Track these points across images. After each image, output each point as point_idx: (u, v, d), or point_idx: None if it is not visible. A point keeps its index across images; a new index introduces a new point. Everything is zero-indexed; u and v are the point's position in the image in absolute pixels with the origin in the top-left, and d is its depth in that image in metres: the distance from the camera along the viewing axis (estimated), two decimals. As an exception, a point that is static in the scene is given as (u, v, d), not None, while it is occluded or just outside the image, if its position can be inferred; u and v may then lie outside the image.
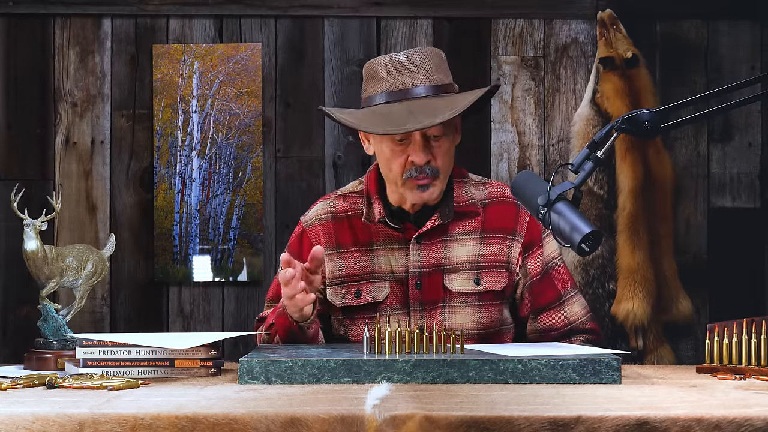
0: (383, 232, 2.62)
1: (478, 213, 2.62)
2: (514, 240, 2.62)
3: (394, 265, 2.60)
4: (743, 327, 2.29)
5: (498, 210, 2.63)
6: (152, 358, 2.30)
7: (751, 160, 3.98)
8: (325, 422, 1.75)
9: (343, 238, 2.63)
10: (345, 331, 2.62)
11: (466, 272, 2.59)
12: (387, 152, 2.56)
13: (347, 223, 2.65)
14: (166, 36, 3.97)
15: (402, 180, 2.55)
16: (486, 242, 2.61)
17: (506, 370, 2.10)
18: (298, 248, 2.67)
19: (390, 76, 2.55)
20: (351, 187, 2.71)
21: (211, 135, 3.96)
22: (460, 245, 2.61)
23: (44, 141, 3.96)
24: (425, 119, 2.47)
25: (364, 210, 2.64)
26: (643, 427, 1.73)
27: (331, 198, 2.71)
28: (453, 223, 2.61)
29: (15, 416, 1.77)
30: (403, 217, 2.63)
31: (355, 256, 2.60)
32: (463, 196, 2.63)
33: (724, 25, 3.98)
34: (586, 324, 2.65)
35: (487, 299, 2.59)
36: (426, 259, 2.59)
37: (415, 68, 2.55)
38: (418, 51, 2.58)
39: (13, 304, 3.95)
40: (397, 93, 2.54)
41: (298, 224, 2.72)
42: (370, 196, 2.64)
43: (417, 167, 2.53)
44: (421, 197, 2.56)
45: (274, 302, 2.68)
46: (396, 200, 2.62)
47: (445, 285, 2.58)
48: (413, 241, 2.60)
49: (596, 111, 3.88)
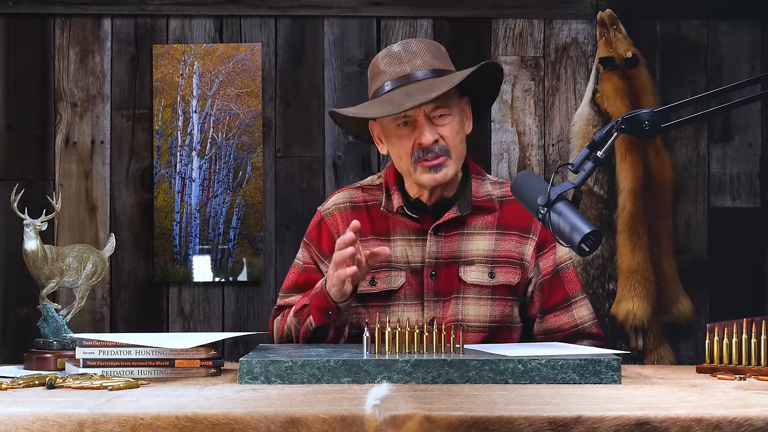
0: (401, 222, 2.64)
1: (495, 209, 2.65)
2: (529, 238, 2.64)
3: (410, 256, 2.62)
4: (743, 327, 2.29)
5: (514, 208, 2.65)
6: (152, 358, 2.30)
7: (751, 160, 3.98)
8: (325, 422, 1.74)
9: (361, 227, 2.64)
10: (358, 319, 2.62)
11: (481, 265, 2.61)
12: (395, 141, 2.58)
13: (366, 213, 2.68)
14: (166, 36, 3.97)
15: (412, 165, 2.57)
16: (501, 238, 2.64)
17: (506, 370, 2.10)
18: (317, 236, 2.70)
19: (389, 67, 2.59)
20: (370, 180, 2.75)
21: (211, 135, 3.96)
22: (476, 239, 2.63)
23: (44, 141, 3.96)
24: (422, 96, 2.50)
25: (383, 200, 2.66)
26: (643, 427, 1.73)
27: (350, 189, 2.74)
28: (470, 216, 2.64)
29: (15, 416, 1.77)
30: (421, 208, 2.65)
31: (372, 244, 2.61)
32: (481, 192, 2.66)
33: (724, 25, 3.98)
34: (593, 329, 2.67)
35: (501, 293, 2.62)
36: (442, 250, 2.61)
37: (411, 56, 2.59)
38: (413, 40, 2.63)
39: (13, 304, 3.95)
40: (397, 80, 2.57)
41: (316, 213, 2.74)
42: (389, 187, 2.67)
43: (424, 148, 2.55)
44: (434, 179, 2.57)
45: (291, 292, 2.69)
46: (414, 192, 2.65)
47: (460, 276, 2.61)
48: (431, 232, 2.62)
49: (596, 111, 3.88)
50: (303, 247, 2.72)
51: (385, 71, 2.59)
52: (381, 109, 2.53)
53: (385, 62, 2.60)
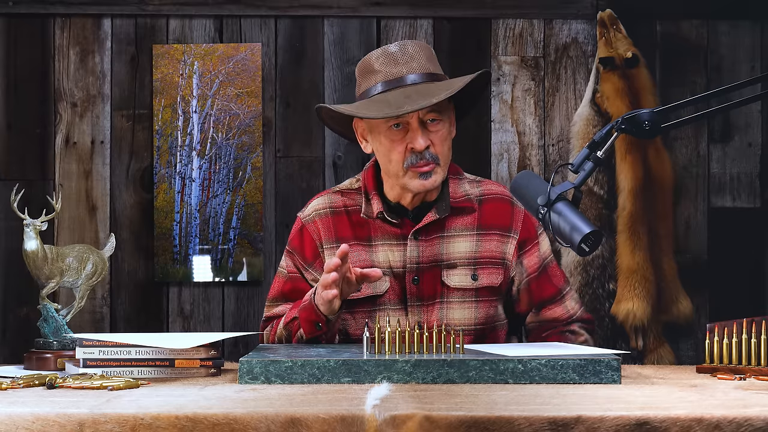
0: (381, 228, 2.63)
1: (474, 209, 2.64)
2: (510, 237, 2.64)
3: (392, 260, 2.61)
4: (743, 327, 2.29)
5: (493, 207, 2.65)
6: (152, 358, 2.30)
7: (751, 160, 3.98)
8: (325, 422, 1.75)
9: (342, 232, 2.64)
10: (344, 325, 2.62)
11: (463, 268, 2.61)
12: (386, 143, 2.57)
13: (346, 218, 2.66)
14: (166, 36, 3.97)
15: (403, 169, 2.56)
16: (482, 239, 2.63)
17: (506, 370, 2.10)
18: (299, 244, 2.69)
19: (384, 67, 2.58)
20: (348, 184, 2.73)
21: (211, 135, 3.96)
22: (457, 241, 2.62)
23: (44, 141, 3.96)
24: (422, 101, 2.49)
25: (363, 205, 2.65)
26: (643, 427, 1.73)
27: (329, 194, 2.72)
28: (450, 218, 2.63)
29: (15, 416, 1.77)
30: (401, 212, 2.64)
31: (355, 250, 2.61)
32: (459, 192, 2.65)
33: (724, 25, 3.98)
34: (583, 315, 2.72)
35: (484, 295, 2.62)
36: (423, 254, 2.61)
37: (407, 58, 2.57)
38: (409, 42, 2.62)
39: (13, 304, 3.95)
40: (391, 82, 2.56)
41: (297, 220, 2.73)
42: (368, 192, 2.65)
43: (417, 153, 2.54)
44: (424, 185, 2.57)
45: (278, 301, 2.69)
46: (395, 196, 2.63)
47: (442, 281, 2.60)
48: (411, 237, 2.61)
49: (596, 111, 3.88)
50: (286, 255, 2.72)
51: (380, 71, 2.58)
52: (379, 110, 2.52)
53: (380, 62, 2.58)
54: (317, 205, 2.71)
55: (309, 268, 2.67)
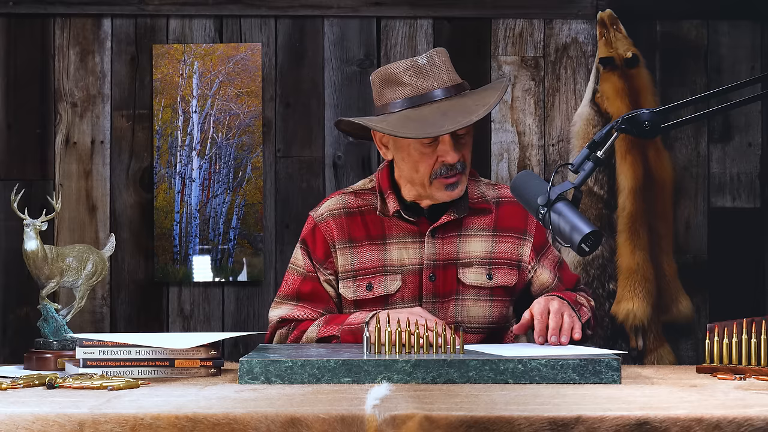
0: (397, 226, 2.65)
1: (491, 211, 2.67)
2: (525, 240, 2.68)
3: (407, 258, 2.63)
4: (743, 327, 2.29)
5: (509, 210, 2.68)
6: (152, 358, 2.30)
7: (751, 160, 3.98)
8: (325, 422, 1.75)
9: (356, 232, 2.65)
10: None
11: (479, 267, 2.64)
12: (416, 155, 2.57)
13: (360, 218, 2.67)
14: (166, 36, 3.97)
15: (429, 180, 2.57)
16: (498, 240, 2.66)
17: (506, 370, 2.10)
18: (312, 242, 2.69)
19: (413, 80, 2.57)
20: (362, 185, 2.74)
21: (211, 135, 3.96)
22: (473, 240, 2.65)
23: (44, 141, 3.96)
24: (462, 118, 2.50)
25: (378, 204, 2.66)
26: (643, 427, 1.73)
27: (343, 194, 2.73)
28: (467, 218, 2.65)
29: (15, 416, 1.77)
30: (417, 211, 2.65)
31: (367, 250, 2.63)
32: (477, 193, 2.69)
33: (724, 25, 3.98)
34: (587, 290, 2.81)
35: (498, 294, 2.65)
36: (440, 252, 2.63)
37: (436, 70, 2.58)
38: (435, 53, 2.61)
39: (13, 304, 3.95)
40: (421, 97, 2.56)
41: (309, 219, 2.73)
42: (383, 191, 2.66)
43: (448, 165, 2.56)
44: (451, 196, 2.60)
45: (291, 300, 2.68)
46: (413, 197, 2.65)
47: (459, 278, 2.62)
48: (428, 234, 2.63)
49: (596, 111, 3.87)
50: (301, 250, 2.70)
51: (409, 84, 2.57)
52: (421, 129, 2.50)
53: (409, 75, 2.57)
54: (331, 205, 2.71)
55: (320, 267, 2.67)
